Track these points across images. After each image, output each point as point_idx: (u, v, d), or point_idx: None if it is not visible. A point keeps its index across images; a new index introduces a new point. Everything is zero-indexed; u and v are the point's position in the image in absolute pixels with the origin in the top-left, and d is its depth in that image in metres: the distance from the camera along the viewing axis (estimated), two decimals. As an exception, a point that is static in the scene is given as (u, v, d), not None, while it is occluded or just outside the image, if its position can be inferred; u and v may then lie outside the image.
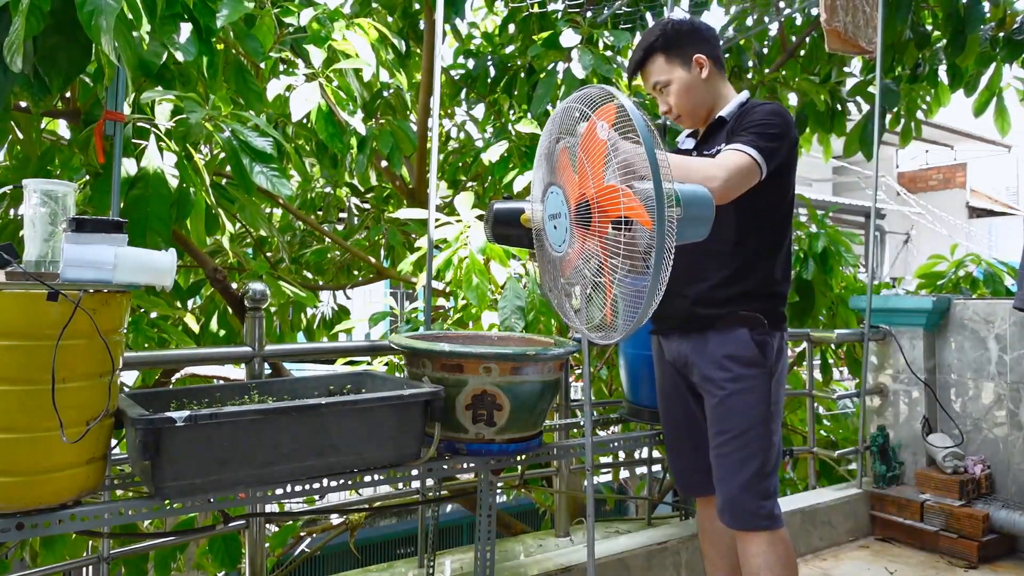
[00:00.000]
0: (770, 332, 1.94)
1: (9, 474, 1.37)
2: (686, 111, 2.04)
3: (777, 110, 1.93)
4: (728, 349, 1.93)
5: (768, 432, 1.91)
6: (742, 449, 1.91)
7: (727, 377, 1.93)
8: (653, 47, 2.01)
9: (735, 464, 1.92)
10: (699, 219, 1.73)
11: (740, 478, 1.90)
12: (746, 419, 1.91)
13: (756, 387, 1.92)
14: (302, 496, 1.67)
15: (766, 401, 1.92)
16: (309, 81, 2.97)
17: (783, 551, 1.90)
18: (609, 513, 5.84)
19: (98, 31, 1.85)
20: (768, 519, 1.90)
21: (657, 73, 2.02)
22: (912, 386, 3.40)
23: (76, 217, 1.47)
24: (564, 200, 1.71)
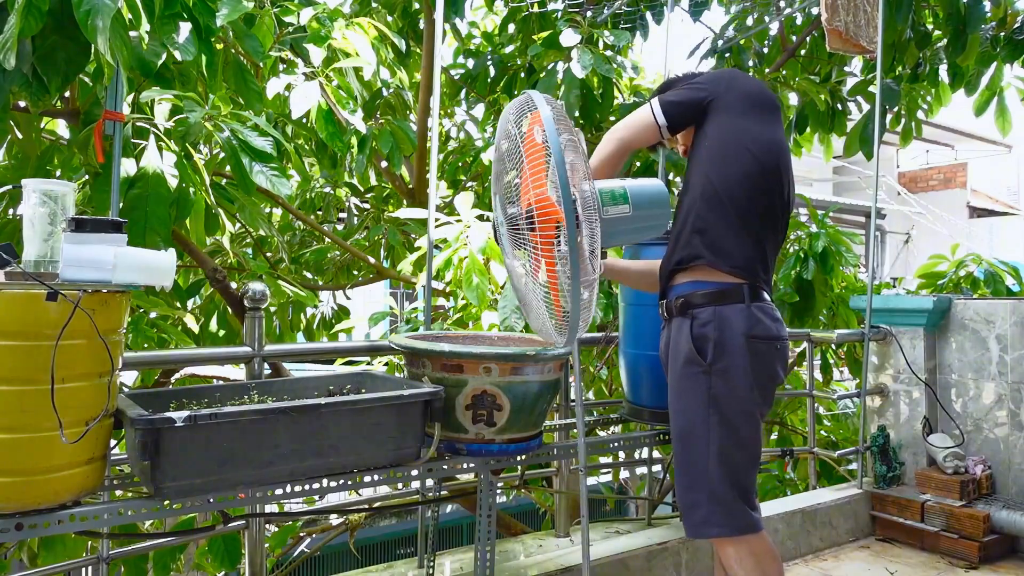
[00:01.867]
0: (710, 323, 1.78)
1: (8, 474, 1.37)
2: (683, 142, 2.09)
3: (708, 72, 2.01)
4: (673, 343, 1.87)
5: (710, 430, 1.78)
6: (679, 454, 1.85)
7: (672, 378, 1.88)
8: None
9: (679, 468, 1.86)
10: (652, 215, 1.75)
11: (684, 484, 1.83)
12: (684, 421, 1.83)
13: (692, 387, 1.81)
14: (302, 496, 1.67)
15: (704, 400, 1.79)
16: (309, 80, 2.96)
17: (752, 565, 1.77)
18: (609, 513, 5.84)
19: (95, 31, 1.85)
20: (720, 526, 1.78)
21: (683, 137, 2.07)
22: (913, 386, 3.39)
23: (75, 217, 1.47)
24: (500, 208, 1.78)
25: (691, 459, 1.82)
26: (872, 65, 4.18)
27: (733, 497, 1.79)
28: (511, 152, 1.71)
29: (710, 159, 1.87)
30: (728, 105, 1.88)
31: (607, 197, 1.73)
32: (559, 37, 3.78)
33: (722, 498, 1.78)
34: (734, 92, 1.90)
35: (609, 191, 1.74)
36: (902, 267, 15.19)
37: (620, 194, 1.73)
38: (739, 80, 1.95)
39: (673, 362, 1.89)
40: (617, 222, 1.72)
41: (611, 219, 1.72)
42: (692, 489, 1.82)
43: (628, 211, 1.72)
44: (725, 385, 1.79)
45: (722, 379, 1.79)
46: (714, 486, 1.79)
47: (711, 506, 1.79)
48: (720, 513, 1.78)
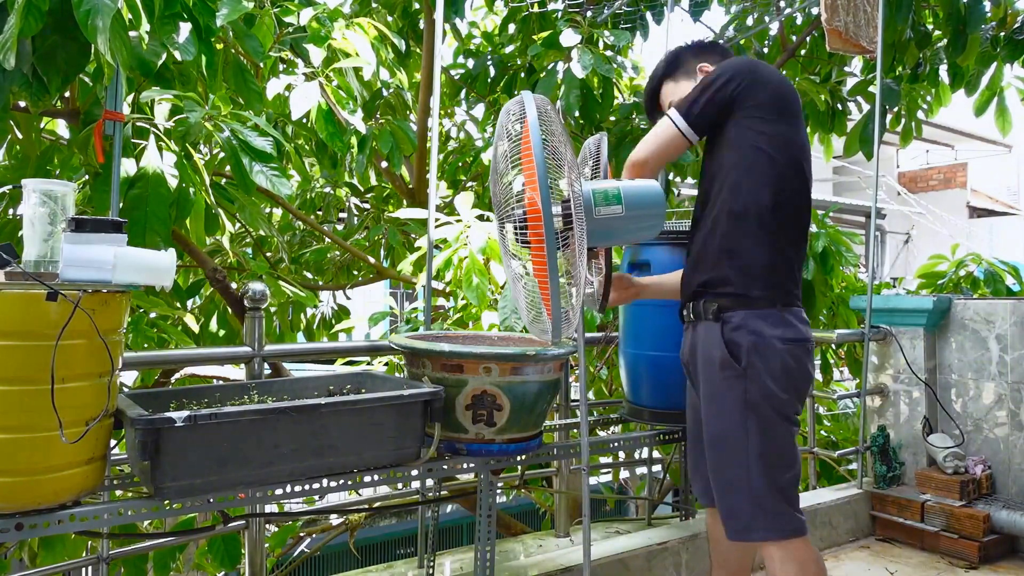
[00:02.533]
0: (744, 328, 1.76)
1: (8, 474, 1.37)
2: None
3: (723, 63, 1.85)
4: (704, 348, 1.84)
5: (748, 434, 1.75)
6: (716, 459, 1.82)
7: (705, 379, 1.85)
8: (657, 78, 2.04)
9: (718, 475, 1.82)
10: (645, 216, 1.75)
11: (727, 489, 1.80)
12: (719, 426, 1.80)
13: (726, 392, 1.78)
14: (302, 496, 1.67)
15: (740, 404, 1.76)
16: (309, 80, 2.96)
17: (795, 571, 1.74)
18: (609, 513, 5.84)
19: (95, 31, 1.85)
20: (765, 531, 1.75)
21: (669, 96, 2.01)
22: (912, 386, 3.39)
23: (75, 217, 1.47)
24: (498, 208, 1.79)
25: (729, 464, 1.79)
26: (872, 65, 4.18)
27: (776, 500, 1.76)
28: (505, 153, 1.72)
29: (738, 169, 1.80)
30: (756, 106, 1.79)
31: (600, 197, 1.73)
32: (559, 37, 3.78)
33: (764, 501, 1.75)
34: (761, 90, 1.79)
35: (602, 191, 1.74)
36: (902, 267, 15.19)
37: (613, 195, 1.73)
38: (763, 74, 1.81)
39: (705, 366, 1.85)
40: (609, 222, 1.73)
41: (603, 219, 1.72)
42: (732, 493, 1.79)
43: (621, 212, 1.73)
44: (761, 389, 1.75)
45: (758, 383, 1.75)
46: (756, 490, 1.75)
47: (754, 510, 1.76)
48: (763, 516, 1.75)
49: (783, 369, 1.76)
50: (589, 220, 1.70)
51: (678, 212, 4.52)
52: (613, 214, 1.72)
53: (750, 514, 1.76)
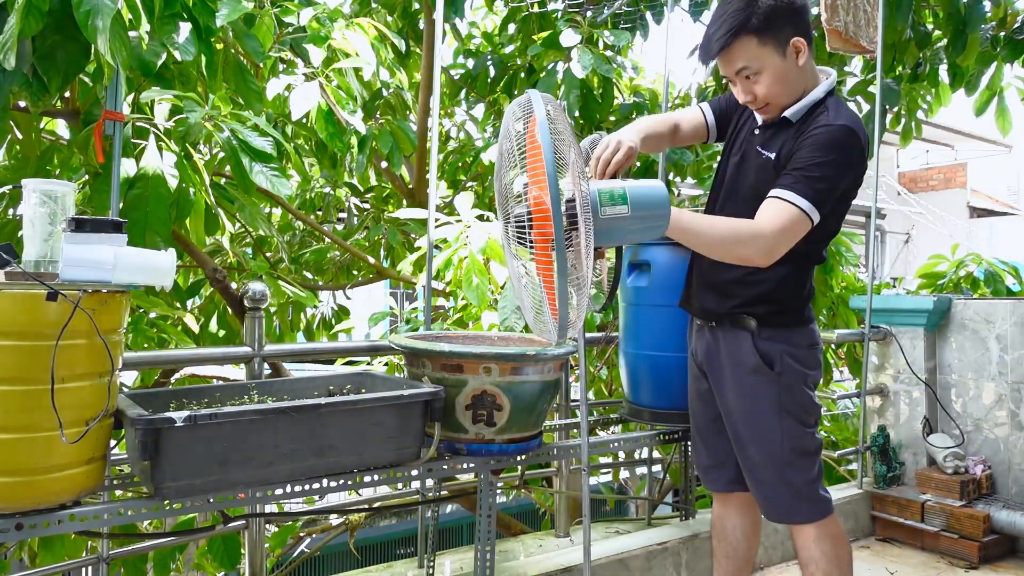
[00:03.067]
0: (776, 338, 1.87)
1: (8, 474, 1.37)
2: (777, 102, 1.81)
3: (836, 137, 1.71)
4: (733, 354, 1.92)
5: (788, 435, 1.87)
6: (758, 455, 1.91)
7: (734, 383, 1.92)
8: (745, 27, 1.71)
9: (755, 468, 1.92)
10: (651, 217, 1.75)
11: (763, 479, 1.91)
12: (755, 427, 1.89)
13: (764, 396, 1.88)
14: (302, 496, 1.67)
15: (775, 407, 1.87)
16: (309, 80, 2.96)
17: (829, 547, 1.89)
18: (609, 513, 5.84)
19: (95, 31, 1.85)
20: (803, 513, 1.89)
21: (746, 58, 1.74)
22: (912, 386, 3.39)
23: (75, 217, 1.47)
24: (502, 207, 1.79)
25: (767, 456, 1.89)
26: (872, 65, 4.18)
27: (811, 488, 1.90)
28: (511, 152, 1.72)
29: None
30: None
31: (605, 197, 1.73)
32: (559, 37, 3.78)
33: (801, 488, 1.89)
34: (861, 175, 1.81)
35: (608, 191, 1.74)
36: (902, 267, 15.19)
37: (619, 195, 1.73)
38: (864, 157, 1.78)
39: (734, 368, 1.92)
40: (614, 222, 1.73)
41: (608, 219, 1.72)
42: (771, 484, 1.90)
43: (626, 212, 1.72)
44: (793, 388, 1.87)
45: (790, 384, 1.87)
46: (794, 478, 1.88)
47: (792, 500, 1.89)
48: (803, 500, 1.89)
49: (809, 370, 1.90)
50: (595, 220, 1.70)
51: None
52: (619, 214, 1.72)
53: (789, 504, 1.90)
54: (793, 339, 1.89)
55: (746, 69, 1.76)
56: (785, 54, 1.75)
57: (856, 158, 1.75)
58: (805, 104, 1.80)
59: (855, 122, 1.76)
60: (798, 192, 1.68)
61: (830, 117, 1.75)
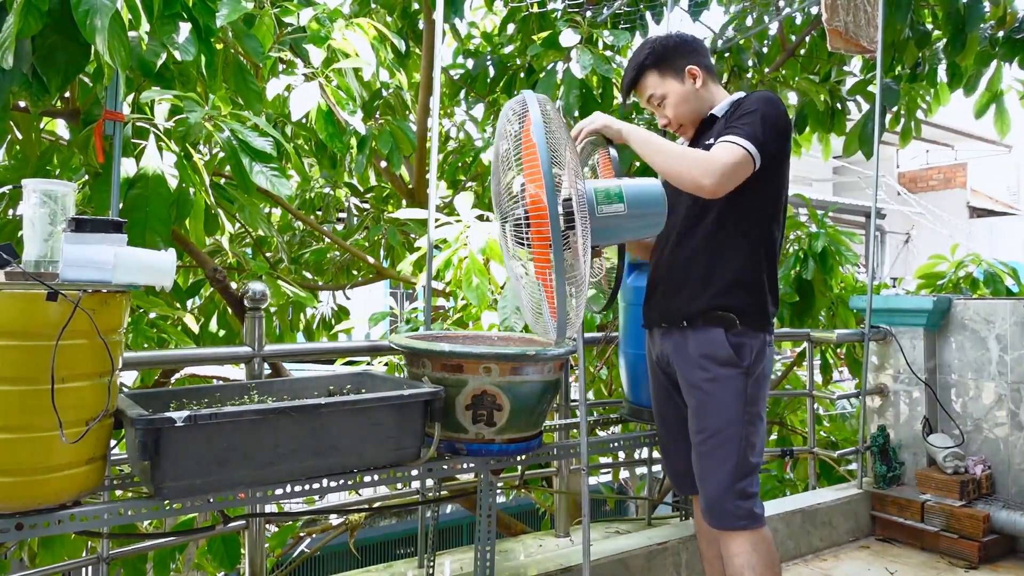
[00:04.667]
0: (747, 333, 1.92)
1: (8, 474, 1.37)
2: (686, 120, 2.05)
3: (768, 97, 1.92)
4: (704, 349, 1.93)
5: (745, 432, 1.90)
6: (718, 448, 1.91)
7: (704, 377, 1.93)
8: (644, 64, 2.04)
9: (712, 464, 1.92)
10: (647, 215, 1.76)
11: (717, 478, 1.91)
12: (721, 418, 1.91)
13: (731, 387, 1.91)
14: (302, 496, 1.67)
15: (742, 400, 1.90)
16: (308, 81, 2.96)
17: (765, 551, 1.90)
18: (609, 513, 5.84)
19: (93, 31, 1.85)
20: (747, 519, 1.90)
21: (651, 88, 2.04)
22: (912, 386, 3.39)
23: (75, 217, 1.47)
24: (499, 208, 1.80)
25: (723, 455, 1.90)
26: (871, 65, 4.19)
27: (756, 491, 1.93)
28: (507, 153, 1.72)
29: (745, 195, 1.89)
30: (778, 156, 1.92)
31: (601, 196, 1.74)
32: (559, 37, 3.78)
33: (750, 492, 1.91)
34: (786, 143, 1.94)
35: (604, 190, 1.75)
36: (902, 267, 15.19)
37: (615, 193, 1.74)
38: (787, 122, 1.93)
39: (702, 362, 1.93)
40: (611, 220, 1.73)
41: (604, 217, 1.73)
42: (723, 484, 1.91)
43: (622, 210, 1.73)
44: (756, 384, 1.93)
45: (755, 379, 1.93)
46: (744, 482, 1.90)
47: (739, 500, 1.90)
48: (748, 507, 1.90)
49: (769, 367, 2.00)
50: (592, 219, 1.70)
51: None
52: (615, 212, 1.73)
53: (735, 504, 1.90)
54: (762, 340, 1.96)
55: (654, 97, 2.05)
56: (684, 80, 2.02)
57: (783, 118, 1.90)
58: (726, 103, 2.01)
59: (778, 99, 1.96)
60: (738, 135, 1.83)
61: (756, 94, 1.97)
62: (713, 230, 1.95)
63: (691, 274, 1.97)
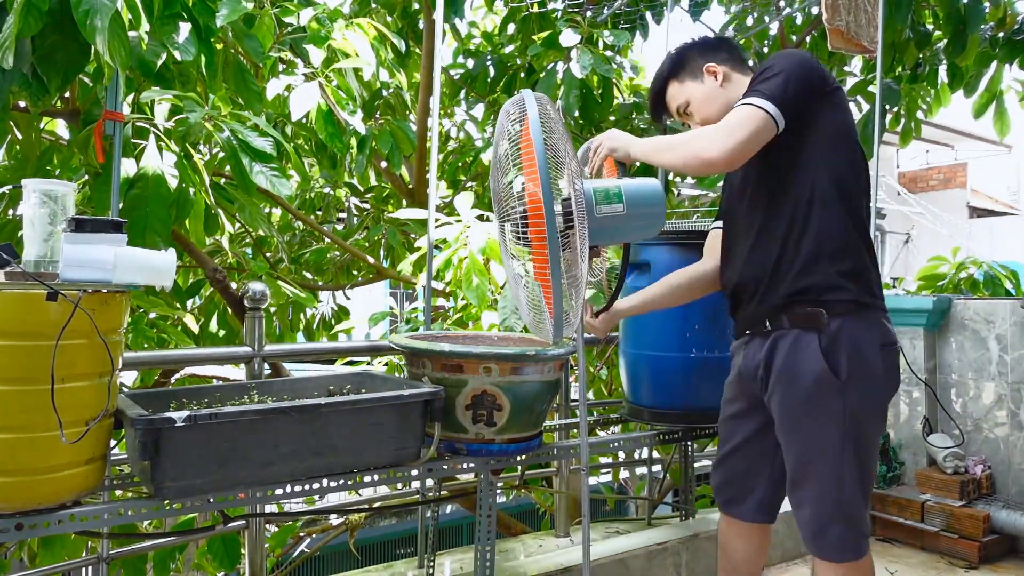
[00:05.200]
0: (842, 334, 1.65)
1: (8, 474, 1.37)
2: (713, 120, 1.82)
3: (787, 52, 1.75)
4: (790, 361, 1.70)
5: (842, 458, 1.66)
6: (808, 478, 1.71)
7: (790, 397, 1.71)
8: (662, 77, 1.93)
9: (803, 494, 1.73)
10: (647, 215, 1.75)
11: (809, 508, 1.72)
12: (812, 445, 1.69)
13: (823, 409, 1.67)
14: (302, 496, 1.67)
15: (837, 421, 1.66)
16: (308, 81, 2.96)
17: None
18: (609, 513, 5.83)
19: (93, 31, 1.85)
20: (843, 551, 1.69)
21: (674, 98, 1.92)
22: (912, 386, 3.39)
23: (75, 217, 1.47)
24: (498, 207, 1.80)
25: (824, 482, 1.69)
26: (872, 65, 4.19)
27: (864, 520, 1.72)
28: (507, 152, 1.72)
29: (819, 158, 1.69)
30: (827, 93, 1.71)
31: (600, 196, 1.73)
32: (559, 37, 3.78)
33: (858, 521, 1.71)
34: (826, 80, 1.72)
35: (603, 190, 1.74)
36: (902, 267, 15.19)
37: (614, 193, 1.73)
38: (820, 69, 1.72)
39: (792, 380, 1.70)
40: (609, 221, 1.73)
41: (603, 218, 1.72)
42: (826, 512, 1.70)
43: (621, 210, 1.73)
44: (863, 402, 1.67)
45: (859, 396, 1.66)
46: (850, 509, 1.69)
47: (847, 529, 1.69)
48: (854, 537, 1.70)
49: (884, 379, 1.71)
50: (590, 219, 1.70)
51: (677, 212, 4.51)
52: (614, 212, 1.72)
53: (841, 533, 1.69)
54: (866, 339, 1.67)
55: (680, 107, 1.92)
56: (703, 80, 1.88)
57: (804, 62, 1.68)
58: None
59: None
60: (749, 95, 1.67)
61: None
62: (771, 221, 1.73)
63: (764, 274, 1.76)
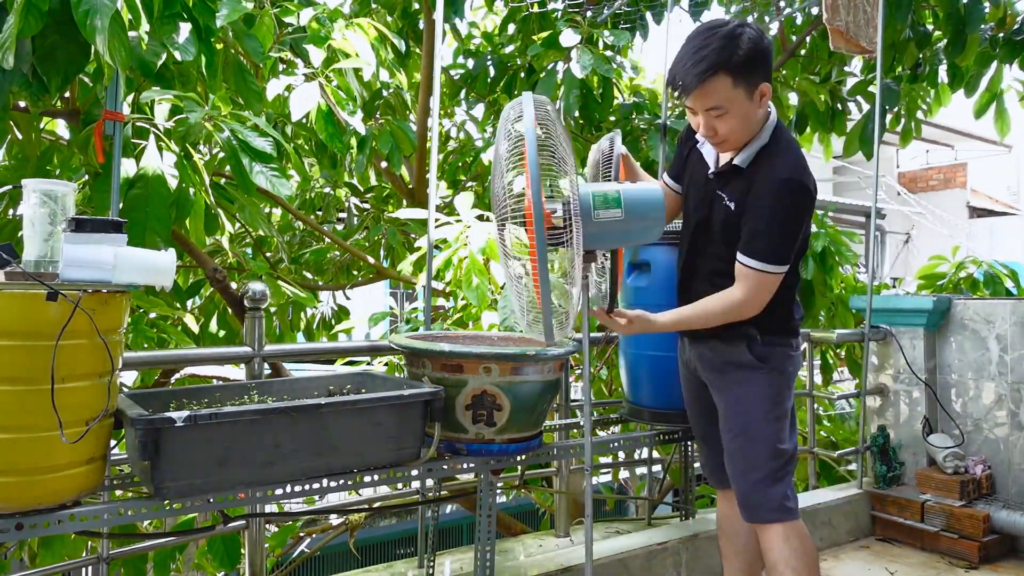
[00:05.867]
0: (771, 344, 1.95)
1: (8, 474, 1.37)
2: (735, 140, 1.84)
3: (785, 192, 1.79)
4: (727, 357, 1.97)
5: (773, 430, 1.93)
6: (746, 445, 1.94)
7: (729, 379, 1.98)
8: (726, 65, 1.72)
9: (742, 461, 1.95)
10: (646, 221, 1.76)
11: (748, 474, 1.94)
12: (747, 417, 1.94)
13: (756, 386, 1.94)
14: (302, 496, 1.67)
15: (766, 398, 1.93)
16: (309, 81, 2.96)
17: (798, 543, 1.91)
18: (609, 513, 5.83)
19: (93, 31, 1.85)
20: (779, 511, 1.91)
21: (719, 97, 1.75)
22: (912, 386, 3.39)
23: (75, 217, 1.47)
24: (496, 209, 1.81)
25: (755, 453, 1.93)
26: (872, 65, 4.19)
27: (787, 484, 1.95)
28: (508, 153, 1.72)
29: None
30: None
31: (599, 200, 1.74)
32: (559, 37, 3.78)
33: (778, 485, 1.93)
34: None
35: (602, 194, 1.75)
36: (902, 267, 15.19)
37: (613, 198, 1.74)
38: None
39: (726, 364, 1.98)
40: (608, 225, 1.74)
41: (602, 222, 1.73)
42: (751, 476, 1.93)
43: (620, 215, 1.74)
44: (783, 384, 1.96)
45: (780, 377, 1.95)
46: (780, 474, 1.92)
47: (769, 492, 1.92)
48: (778, 498, 1.92)
49: (795, 368, 2.02)
50: (587, 223, 1.70)
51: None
52: (612, 217, 1.73)
53: (766, 498, 1.92)
54: (786, 343, 1.98)
55: (716, 109, 1.78)
56: (753, 98, 1.79)
57: (807, 204, 1.85)
58: (752, 151, 1.86)
59: (799, 167, 1.82)
60: (765, 260, 1.81)
61: (775, 167, 1.82)
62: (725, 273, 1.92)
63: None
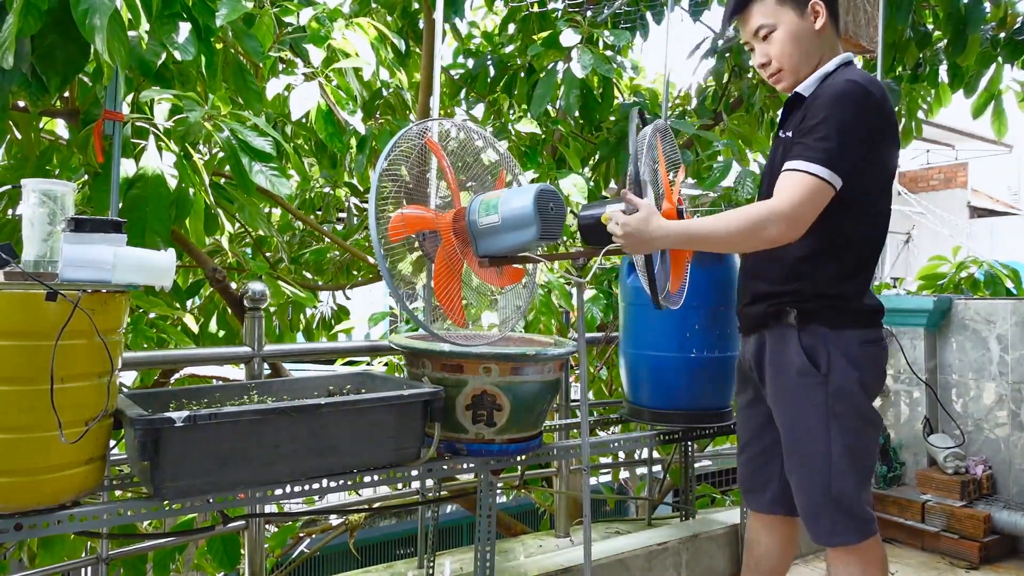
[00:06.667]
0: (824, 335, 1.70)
1: (8, 474, 1.37)
2: (789, 66, 1.72)
3: (840, 92, 1.61)
4: (778, 356, 1.75)
5: (829, 446, 1.69)
6: (801, 465, 1.74)
7: (781, 387, 1.76)
8: None
9: (798, 481, 1.76)
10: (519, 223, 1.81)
11: (804, 495, 1.75)
12: (799, 433, 1.73)
13: (807, 399, 1.71)
14: (301, 496, 1.67)
15: (821, 411, 1.69)
16: (308, 80, 2.96)
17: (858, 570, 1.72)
18: (609, 513, 5.83)
19: (93, 30, 1.85)
20: (843, 534, 1.71)
21: (763, 15, 1.70)
22: (913, 386, 3.39)
23: (75, 217, 1.47)
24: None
25: (812, 469, 1.72)
26: (872, 65, 4.18)
27: (860, 504, 1.73)
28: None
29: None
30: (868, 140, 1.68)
31: (483, 208, 1.82)
32: (559, 37, 3.77)
33: (848, 506, 1.71)
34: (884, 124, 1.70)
35: (486, 202, 1.82)
36: (902, 267, 15.18)
37: (492, 205, 1.80)
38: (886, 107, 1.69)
39: (778, 372, 1.76)
40: (488, 231, 1.80)
41: (486, 228, 1.80)
42: (814, 499, 1.73)
43: (497, 221, 1.79)
44: (842, 393, 1.70)
45: (839, 388, 1.70)
46: (839, 492, 1.71)
47: (837, 515, 1.71)
48: (846, 521, 1.71)
49: (864, 372, 1.72)
50: (475, 229, 1.79)
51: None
52: (491, 223, 1.78)
53: (833, 519, 1.72)
54: (846, 336, 1.71)
55: (763, 28, 1.71)
56: (803, 14, 1.69)
57: (868, 110, 1.62)
58: (816, 77, 1.72)
59: (864, 77, 1.65)
60: (808, 159, 1.59)
61: (837, 78, 1.67)
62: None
63: (766, 278, 1.78)
